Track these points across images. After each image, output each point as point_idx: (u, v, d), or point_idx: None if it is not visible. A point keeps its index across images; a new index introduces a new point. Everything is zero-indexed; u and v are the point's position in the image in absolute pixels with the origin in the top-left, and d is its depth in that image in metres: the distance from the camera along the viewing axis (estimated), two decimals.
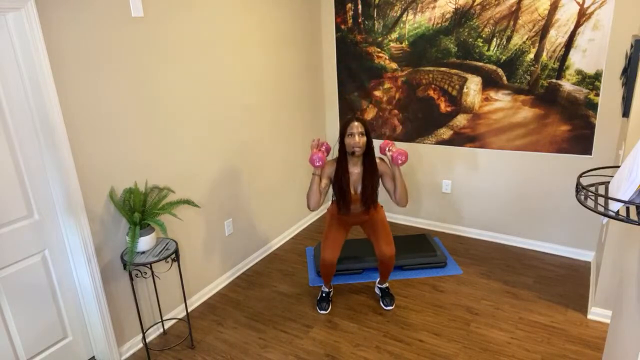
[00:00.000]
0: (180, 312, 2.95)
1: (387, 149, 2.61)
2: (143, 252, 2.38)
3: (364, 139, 2.55)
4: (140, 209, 2.37)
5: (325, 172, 2.68)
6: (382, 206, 2.87)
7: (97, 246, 2.38)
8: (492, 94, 3.42)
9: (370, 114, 4.03)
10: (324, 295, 2.99)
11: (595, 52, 2.98)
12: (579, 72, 3.07)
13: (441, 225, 4.00)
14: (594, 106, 3.08)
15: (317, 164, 2.50)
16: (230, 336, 2.74)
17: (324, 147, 2.67)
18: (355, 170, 2.66)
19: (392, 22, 3.68)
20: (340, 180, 2.64)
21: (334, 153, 2.76)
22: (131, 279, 2.44)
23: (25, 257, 2.19)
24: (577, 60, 3.05)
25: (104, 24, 2.25)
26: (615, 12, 2.85)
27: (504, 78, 3.35)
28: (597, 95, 3.05)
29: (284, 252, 3.76)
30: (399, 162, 2.52)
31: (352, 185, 2.67)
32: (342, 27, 3.94)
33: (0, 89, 1.99)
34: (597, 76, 3.01)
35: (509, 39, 3.25)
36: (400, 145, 3.97)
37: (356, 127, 2.53)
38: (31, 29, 1.95)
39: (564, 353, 2.46)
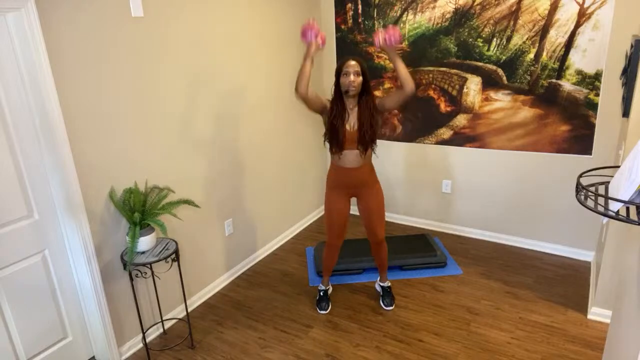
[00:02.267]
0: (180, 312, 2.95)
1: (379, 33, 2.35)
2: (143, 252, 2.38)
3: (360, 78, 2.46)
4: (140, 209, 2.37)
5: (321, 99, 2.52)
6: (380, 186, 2.77)
7: (97, 246, 2.38)
8: (492, 94, 3.42)
9: None
10: (322, 294, 2.98)
11: (595, 52, 2.98)
12: (579, 72, 3.07)
13: (441, 225, 4.00)
14: (594, 106, 3.08)
15: (310, 38, 2.30)
16: (230, 336, 2.74)
17: (320, 33, 2.38)
18: (352, 111, 2.54)
19: (392, 22, 3.68)
20: (335, 119, 2.51)
21: (329, 92, 2.62)
22: (131, 279, 2.44)
23: (25, 257, 2.19)
24: (577, 60, 3.05)
25: (104, 24, 2.25)
26: (615, 12, 2.85)
27: (504, 78, 3.35)
28: (597, 95, 3.05)
29: (284, 252, 3.76)
30: (387, 43, 2.31)
31: (348, 124, 2.54)
32: (342, 27, 3.94)
33: (0, 89, 1.99)
34: (597, 76, 3.01)
35: (509, 39, 3.25)
36: (400, 145, 3.97)
37: (352, 66, 2.44)
38: (31, 29, 1.95)
39: (564, 353, 2.46)
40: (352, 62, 2.45)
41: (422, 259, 3.34)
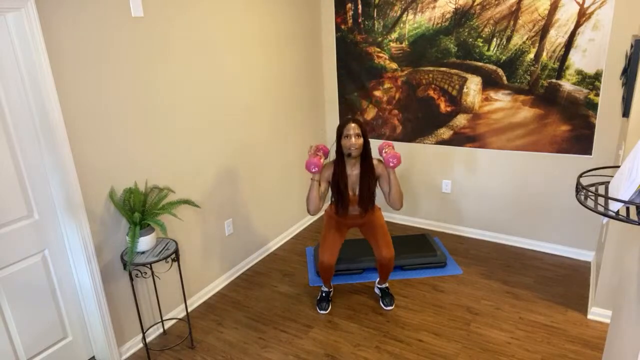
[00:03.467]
0: (180, 312, 2.95)
1: (383, 150, 2.61)
2: (143, 252, 2.38)
3: (361, 140, 2.56)
4: (140, 209, 2.37)
5: (324, 176, 2.68)
6: (379, 208, 2.88)
7: (97, 246, 2.38)
8: (492, 94, 3.42)
9: (370, 114, 4.03)
10: (323, 295, 2.99)
11: (595, 52, 2.98)
12: (579, 72, 3.07)
13: (441, 225, 4.00)
14: (594, 106, 3.08)
15: (313, 170, 2.51)
16: (230, 336, 2.74)
17: (320, 152, 2.65)
18: (353, 171, 2.66)
19: (392, 22, 3.68)
20: (337, 182, 2.64)
21: (332, 155, 2.76)
22: (131, 279, 2.44)
23: (25, 257, 2.19)
24: (577, 60, 3.05)
25: (104, 24, 2.25)
26: (615, 12, 2.85)
27: (504, 78, 3.35)
28: (597, 95, 3.05)
29: (284, 252, 3.76)
30: (391, 164, 2.53)
31: (350, 187, 2.68)
32: (342, 27, 3.94)
33: (1, 89, 1.99)
34: (597, 76, 3.01)
35: (509, 39, 3.25)
36: (400, 145, 3.97)
37: (352, 128, 2.54)
38: (31, 29, 1.95)
39: (564, 353, 2.46)
40: (352, 125, 2.56)
41: (422, 259, 3.34)
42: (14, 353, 2.19)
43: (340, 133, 2.59)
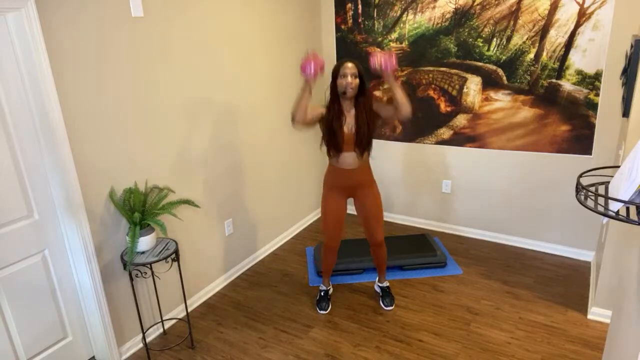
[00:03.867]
0: (180, 312, 2.95)
1: (375, 57, 2.34)
2: (143, 252, 2.38)
3: (357, 80, 2.46)
4: (140, 209, 2.37)
5: (316, 110, 2.53)
6: (375, 183, 2.75)
7: (97, 246, 2.38)
8: (492, 94, 3.42)
9: None
10: (322, 294, 2.98)
11: (595, 52, 2.98)
12: (579, 72, 3.07)
13: (441, 225, 4.00)
14: (594, 106, 3.08)
15: (309, 71, 2.27)
16: (230, 336, 2.74)
17: (320, 61, 2.35)
18: (348, 112, 2.54)
19: (392, 22, 3.68)
20: (332, 122, 2.51)
21: (325, 97, 2.63)
22: (131, 279, 2.44)
23: (25, 257, 2.19)
24: (577, 60, 3.05)
25: (104, 24, 2.25)
26: (615, 12, 2.85)
27: (504, 78, 3.35)
28: (597, 95, 3.05)
29: (284, 252, 3.76)
30: (383, 67, 2.30)
31: (346, 126, 2.55)
32: (342, 27, 3.94)
33: (1, 89, 1.99)
34: (597, 76, 3.01)
35: (509, 39, 3.25)
36: (400, 145, 3.97)
37: (349, 67, 2.44)
38: (31, 29, 1.95)
39: (564, 353, 2.46)
40: (349, 64, 2.46)
41: (422, 259, 3.34)
42: (14, 353, 2.19)
43: (336, 73, 2.48)
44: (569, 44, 3.06)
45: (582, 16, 2.96)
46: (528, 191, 3.49)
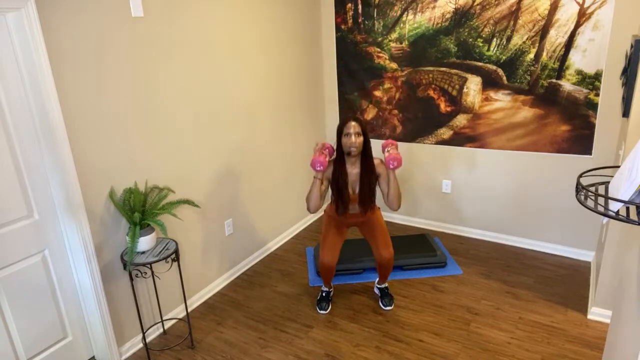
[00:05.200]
0: (180, 312, 2.95)
1: (385, 149, 2.60)
2: (143, 252, 2.38)
3: (361, 139, 2.55)
4: (140, 209, 2.37)
5: (325, 174, 2.68)
6: (379, 207, 2.87)
7: (97, 246, 2.38)
8: (492, 94, 3.42)
9: (370, 114, 4.03)
10: (323, 295, 2.99)
11: (595, 52, 2.98)
12: (579, 72, 3.07)
13: (441, 225, 4.00)
14: (594, 106, 3.08)
15: (318, 168, 2.50)
16: (230, 336, 2.74)
17: (326, 150, 2.64)
18: (353, 170, 2.66)
19: (392, 22, 3.68)
20: (338, 181, 2.64)
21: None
22: (131, 279, 2.44)
23: (25, 257, 2.19)
24: (577, 60, 3.05)
25: (104, 24, 2.25)
26: (615, 12, 2.85)
27: (504, 78, 3.35)
28: (597, 95, 3.05)
29: (284, 252, 3.76)
30: (391, 166, 2.52)
31: (350, 186, 2.68)
32: (342, 27, 3.94)
33: (1, 89, 1.99)
34: (597, 76, 3.01)
35: (509, 39, 3.25)
36: (400, 145, 3.97)
37: (353, 127, 2.54)
38: (31, 29, 1.95)
39: (564, 353, 2.46)
40: (353, 123, 2.55)
41: (422, 259, 3.34)
42: (14, 353, 2.19)
43: (340, 131, 2.59)
44: (569, 44, 3.06)
45: (582, 16, 2.96)
46: (528, 191, 3.49)
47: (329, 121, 4.32)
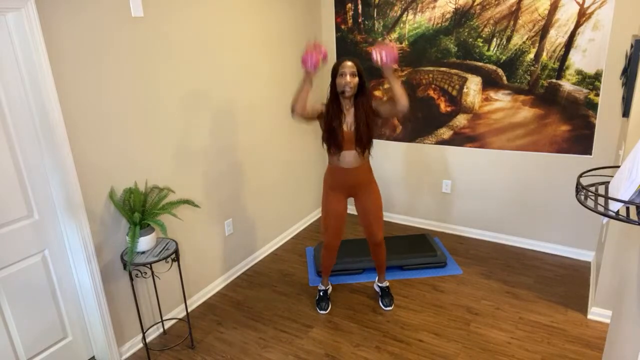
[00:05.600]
0: (180, 312, 2.95)
1: (374, 51, 2.32)
2: (143, 252, 2.38)
3: (356, 79, 2.45)
4: (140, 209, 2.37)
5: (316, 107, 2.52)
6: (376, 183, 2.76)
7: (97, 246, 2.38)
8: (492, 94, 3.42)
9: None
10: (322, 294, 2.98)
11: (595, 52, 2.98)
12: (579, 72, 3.07)
13: (441, 225, 4.00)
14: (594, 106, 3.08)
15: (309, 67, 2.27)
16: (230, 336, 2.74)
17: (322, 51, 2.32)
18: (348, 111, 2.54)
19: (392, 22, 3.68)
20: (331, 119, 2.50)
21: (324, 95, 2.59)
22: (131, 279, 2.44)
23: (25, 257, 2.19)
24: (577, 60, 3.05)
25: (104, 24, 2.25)
26: (615, 12, 2.85)
27: (504, 78, 3.35)
28: (597, 95, 3.05)
29: (284, 252, 3.76)
30: (383, 58, 2.29)
31: (345, 124, 2.54)
32: (342, 27, 3.94)
33: (1, 89, 1.99)
34: (597, 76, 3.01)
35: (509, 39, 3.25)
36: (400, 145, 3.97)
37: (348, 66, 2.43)
38: (31, 29, 1.95)
39: (564, 353, 2.46)
40: (349, 63, 2.44)
41: (422, 259, 3.34)
42: (14, 353, 2.19)
43: (335, 71, 2.47)
44: (569, 44, 3.06)
45: (582, 16, 2.96)
46: (528, 191, 3.49)
47: None
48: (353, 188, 2.68)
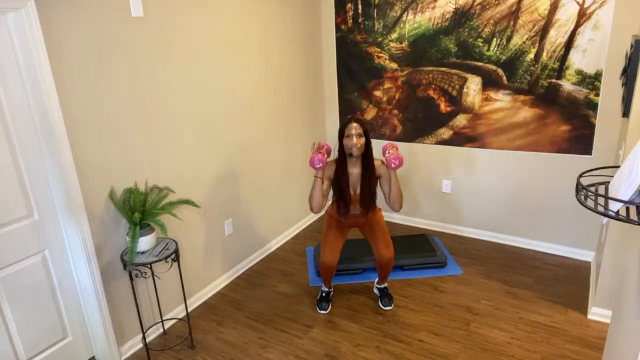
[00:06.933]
0: (180, 312, 2.95)
1: (386, 151, 2.61)
2: (143, 252, 2.38)
3: (362, 140, 2.57)
4: (140, 209, 2.37)
5: (326, 174, 2.70)
6: (380, 208, 2.88)
7: (97, 246, 2.38)
8: (492, 94, 3.42)
9: (370, 114, 4.03)
10: (323, 295, 2.99)
11: (595, 52, 2.98)
12: (579, 72, 3.07)
13: (441, 225, 4.00)
14: (594, 106, 3.08)
15: (317, 165, 2.51)
16: (230, 336, 2.74)
17: (324, 149, 2.66)
18: (354, 171, 2.67)
19: (392, 22, 3.68)
20: (339, 181, 2.65)
21: (334, 154, 2.77)
22: (131, 279, 2.44)
23: (25, 257, 2.19)
24: (577, 60, 3.05)
25: (104, 24, 2.25)
26: (615, 12, 2.85)
27: (504, 78, 3.35)
28: (597, 95, 3.05)
29: (284, 252, 3.76)
30: (392, 165, 2.54)
31: (352, 186, 2.69)
32: (342, 27, 3.94)
33: (0, 89, 1.99)
34: (597, 76, 3.01)
35: (509, 39, 3.25)
36: (400, 145, 3.97)
37: (354, 128, 2.55)
38: (31, 29, 1.95)
39: (564, 353, 2.46)
40: (355, 124, 2.56)
41: (422, 259, 3.34)
42: (14, 353, 2.19)
43: (342, 133, 2.61)
44: (569, 44, 3.06)
45: (582, 16, 2.96)
46: (528, 191, 3.49)
47: (329, 121, 4.32)
48: (357, 225, 2.86)
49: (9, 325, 2.16)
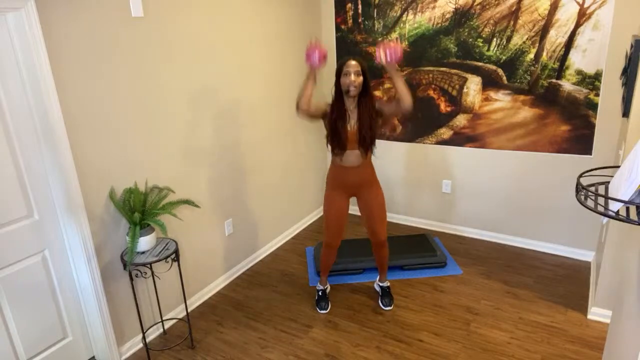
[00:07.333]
0: (180, 312, 2.95)
1: (380, 47, 2.32)
2: (143, 252, 2.38)
3: (360, 78, 2.45)
4: (140, 209, 2.37)
5: (320, 106, 2.53)
6: (380, 186, 2.77)
7: (97, 246, 2.38)
8: (492, 94, 3.42)
9: None
10: (320, 294, 2.98)
11: (595, 52, 2.98)
12: (579, 72, 3.07)
13: (441, 225, 4.00)
14: (594, 106, 3.08)
15: (314, 60, 2.27)
16: (230, 336, 2.74)
17: (323, 50, 2.33)
18: (352, 110, 2.54)
19: (392, 22, 3.68)
20: (335, 119, 2.51)
21: (330, 95, 2.62)
22: (131, 279, 2.44)
23: (25, 257, 2.19)
24: (577, 60, 3.05)
25: (104, 24, 2.25)
26: (615, 12, 2.85)
27: (504, 78, 3.35)
28: (597, 95, 3.05)
29: (284, 252, 3.76)
30: (388, 58, 2.30)
31: (349, 125, 2.55)
32: (342, 27, 3.94)
33: (0, 89, 1.99)
34: (597, 76, 3.01)
35: (509, 39, 3.25)
36: (400, 145, 3.97)
37: (353, 65, 2.43)
38: (31, 29, 1.95)
39: (564, 353, 2.46)
40: (353, 62, 2.45)
41: (422, 259, 3.34)
42: (14, 353, 2.19)
43: (339, 71, 2.48)
44: (569, 44, 3.06)
45: (582, 16, 2.96)
46: (528, 191, 3.49)
47: None
48: (355, 187, 2.69)
49: (9, 325, 2.16)
